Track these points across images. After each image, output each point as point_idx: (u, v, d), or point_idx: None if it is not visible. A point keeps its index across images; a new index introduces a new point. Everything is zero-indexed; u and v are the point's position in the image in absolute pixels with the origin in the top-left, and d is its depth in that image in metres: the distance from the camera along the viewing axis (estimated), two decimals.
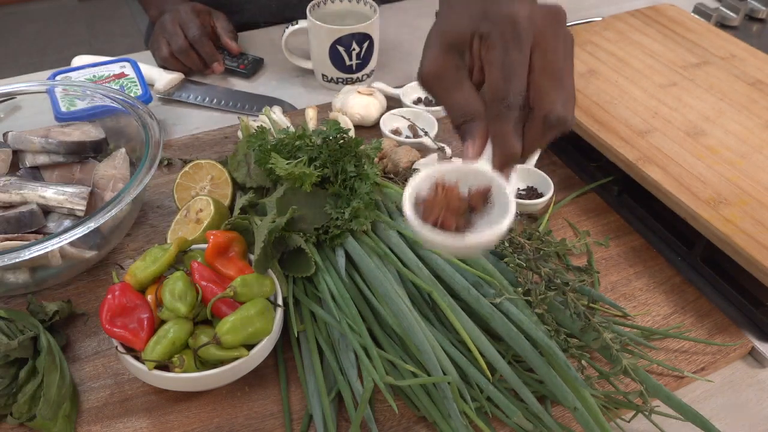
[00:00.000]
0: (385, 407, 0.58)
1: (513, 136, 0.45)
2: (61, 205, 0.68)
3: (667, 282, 0.70)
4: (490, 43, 0.45)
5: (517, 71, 0.44)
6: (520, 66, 0.44)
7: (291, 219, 0.64)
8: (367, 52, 0.95)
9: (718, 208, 0.66)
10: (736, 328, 0.65)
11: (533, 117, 0.45)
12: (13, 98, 0.79)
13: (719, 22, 1.14)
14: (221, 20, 1.03)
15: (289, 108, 0.95)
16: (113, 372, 0.61)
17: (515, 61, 0.44)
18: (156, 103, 0.95)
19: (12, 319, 0.60)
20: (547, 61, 0.44)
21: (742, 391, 0.62)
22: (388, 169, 0.78)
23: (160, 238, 0.74)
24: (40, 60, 2.86)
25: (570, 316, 0.59)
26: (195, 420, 0.58)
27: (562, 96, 0.45)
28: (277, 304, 0.59)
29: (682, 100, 0.81)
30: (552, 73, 0.44)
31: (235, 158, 0.73)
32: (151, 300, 0.57)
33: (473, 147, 0.47)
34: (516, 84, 0.44)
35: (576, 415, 0.53)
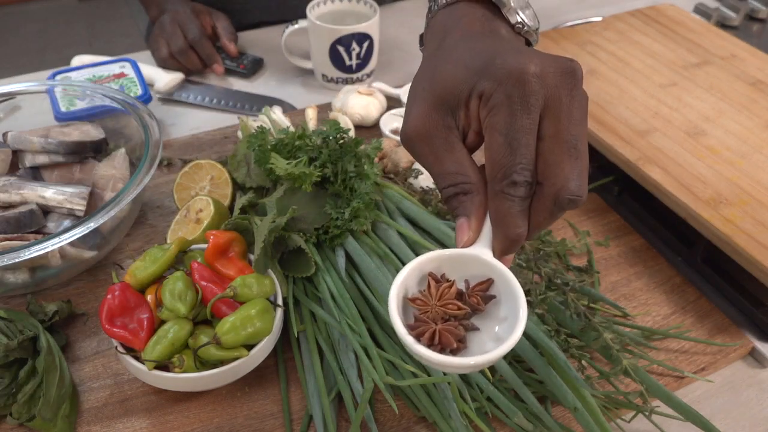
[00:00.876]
0: (385, 407, 0.58)
1: (518, 218, 0.38)
2: (61, 205, 0.68)
3: (668, 282, 0.70)
4: (493, 105, 0.38)
5: (524, 140, 0.37)
6: (528, 134, 0.37)
7: (291, 219, 0.64)
8: (367, 52, 0.95)
9: (718, 208, 0.66)
10: (736, 328, 0.65)
11: (542, 194, 0.38)
12: (13, 98, 0.79)
13: (719, 22, 1.14)
14: (221, 21, 1.03)
15: (289, 108, 0.95)
16: (113, 372, 0.61)
17: (522, 129, 0.37)
18: (156, 103, 0.95)
19: (12, 319, 0.60)
20: (560, 128, 0.37)
21: (742, 391, 0.62)
22: (388, 169, 0.78)
23: (160, 238, 0.74)
24: (40, 60, 2.86)
25: (570, 317, 0.59)
26: (195, 420, 0.58)
27: (576, 170, 0.37)
28: (277, 304, 0.59)
29: (682, 100, 0.81)
30: (565, 143, 0.37)
31: (235, 158, 0.73)
32: (151, 300, 0.57)
33: (469, 227, 0.40)
34: (523, 156, 0.37)
35: (576, 415, 0.52)
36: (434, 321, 0.40)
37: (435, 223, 0.65)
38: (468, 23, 0.46)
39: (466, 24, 0.46)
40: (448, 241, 0.64)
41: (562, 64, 0.38)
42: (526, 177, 0.37)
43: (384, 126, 0.86)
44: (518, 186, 0.37)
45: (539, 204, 0.38)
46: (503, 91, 0.38)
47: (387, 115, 0.88)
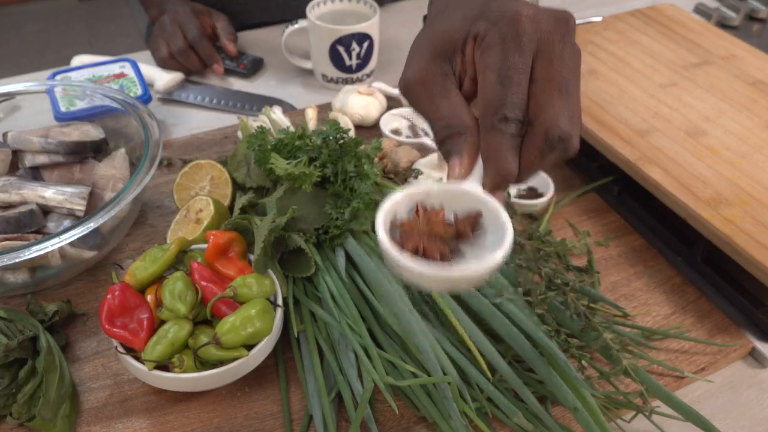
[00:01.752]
0: (385, 407, 0.58)
1: (509, 153, 0.38)
2: (61, 205, 0.68)
3: (667, 282, 0.70)
4: (486, 44, 0.39)
5: (516, 77, 0.38)
6: (521, 72, 0.38)
7: (291, 219, 0.64)
8: (367, 52, 0.95)
9: (718, 208, 0.66)
10: (736, 328, 0.65)
11: (532, 132, 0.38)
12: (13, 98, 0.79)
13: (719, 22, 1.14)
14: (221, 21, 1.03)
15: (289, 108, 0.95)
16: (113, 372, 0.61)
17: (515, 66, 0.38)
18: (156, 103, 0.95)
19: (12, 319, 0.60)
20: (551, 70, 0.38)
21: (742, 391, 0.62)
22: (388, 169, 0.78)
23: (159, 238, 0.74)
24: (40, 60, 2.86)
25: (570, 317, 0.59)
26: (195, 420, 0.58)
27: (567, 110, 0.38)
28: (277, 304, 0.59)
29: (682, 100, 0.81)
30: (557, 84, 0.38)
31: (235, 158, 0.73)
32: (151, 300, 0.57)
33: (461, 165, 0.41)
34: (515, 92, 0.38)
35: (576, 415, 0.52)
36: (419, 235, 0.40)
37: None
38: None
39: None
40: None
41: (556, 12, 0.40)
42: (517, 115, 0.38)
43: (384, 126, 0.86)
44: (509, 122, 0.38)
45: (530, 143, 0.38)
46: (497, 31, 0.39)
47: (387, 115, 0.88)
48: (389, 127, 0.87)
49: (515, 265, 0.62)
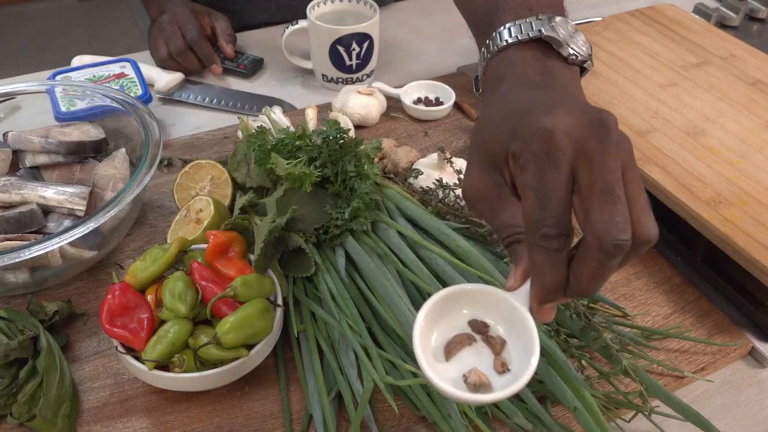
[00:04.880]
0: (385, 407, 0.58)
1: (551, 269, 0.38)
2: (61, 205, 0.68)
3: (667, 282, 0.70)
4: (522, 164, 0.39)
5: (553, 194, 0.38)
6: (557, 188, 0.38)
7: (291, 219, 0.64)
8: (367, 52, 0.95)
9: (718, 208, 0.66)
10: (736, 328, 0.65)
11: (585, 243, 0.38)
12: (13, 98, 0.79)
13: (719, 22, 1.14)
14: (221, 21, 1.03)
15: (289, 108, 0.95)
16: (113, 372, 0.61)
17: (550, 183, 0.38)
18: (156, 103, 0.95)
19: (12, 319, 0.60)
20: (593, 177, 0.37)
21: (742, 391, 0.62)
22: (388, 169, 0.78)
23: (160, 238, 0.74)
24: (40, 60, 2.86)
25: (570, 316, 0.59)
26: (195, 420, 0.58)
27: (616, 215, 0.37)
28: (277, 304, 0.59)
29: (682, 100, 0.81)
30: (600, 190, 0.37)
31: (235, 158, 0.73)
32: (151, 300, 0.57)
33: (514, 275, 0.42)
34: (553, 210, 0.37)
35: (576, 415, 0.53)
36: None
37: (435, 223, 0.65)
38: (521, 69, 0.47)
39: (520, 69, 0.47)
40: (447, 240, 0.63)
41: (589, 116, 0.39)
42: (558, 230, 0.37)
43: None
44: (549, 238, 0.38)
45: (587, 254, 0.38)
46: (530, 150, 0.39)
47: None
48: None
49: None
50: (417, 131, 0.89)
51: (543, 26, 0.48)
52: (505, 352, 0.43)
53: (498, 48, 0.49)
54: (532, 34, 0.48)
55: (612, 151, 0.38)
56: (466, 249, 0.62)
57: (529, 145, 0.39)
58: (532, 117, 0.40)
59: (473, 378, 0.41)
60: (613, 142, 0.38)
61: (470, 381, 0.41)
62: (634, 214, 0.38)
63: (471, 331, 0.43)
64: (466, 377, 0.41)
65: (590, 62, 0.50)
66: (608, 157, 0.38)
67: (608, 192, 0.37)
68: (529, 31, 0.48)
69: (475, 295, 0.44)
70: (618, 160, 0.38)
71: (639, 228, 0.38)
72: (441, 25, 1.15)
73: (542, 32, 0.48)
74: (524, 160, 0.39)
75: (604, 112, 0.39)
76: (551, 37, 0.47)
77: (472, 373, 0.41)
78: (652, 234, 0.38)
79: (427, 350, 0.42)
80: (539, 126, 0.39)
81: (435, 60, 1.05)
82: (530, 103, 0.41)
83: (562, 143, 0.38)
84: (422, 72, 1.02)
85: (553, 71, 0.47)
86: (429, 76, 0.99)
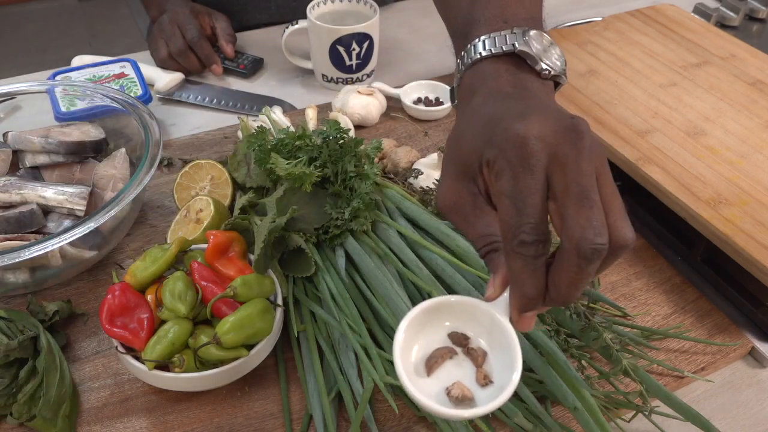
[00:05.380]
0: (385, 407, 0.58)
1: (530, 276, 0.38)
2: (61, 205, 0.68)
3: (667, 282, 0.70)
4: (497, 171, 0.39)
5: (529, 200, 0.37)
6: (533, 193, 0.38)
7: (291, 219, 0.64)
8: (367, 52, 0.95)
9: (718, 208, 0.66)
10: (736, 328, 0.65)
11: (563, 250, 0.37)
12: (13, 98, 0.79)
13: (719, 22, 1.14)
14: (221, 22, 1.03)
15: (289, 108, 0.95)
16: (113, 372, 0.61)
17: (526, 189, 0.38)
18: (156, 103, 0.95)
19: (12, 319, 0.60)
20: (568, 182, 0.37)
21: (742, 391, 0.62)
22: (388, 169, 0.78)
23: (160, 238, 0.74)
24: (40, 60, 2.86)
25: (570, 316, 0.59)
26: (195, 420, 0.58)
27: (593, 219, 0.37)
28: (277, 304, 0.59)
29: (682, 100, 0.81)
30: (576, 195, 0.37)
31: (235, 158, 0.73)
32: (151, 300, 0.57)
33: (493, 283, 0.42)
34: (529, 216, 0.37)
35: (576, 415, 0.53)
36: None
37: (435, 223, 0.65)
38: (494, 83, 0.47)
39: (493, 83, 0.47)
40: (447, 240, 0.63)
41: (562, 122, 0.39)
42: (535, 236, 0.37)
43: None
44: (527, 245, 0.37)
45: (564, 260, 0.37)
46: (504, 157, 0.39)
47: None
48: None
49: None
50: (417, 131, 0.89)
51: (517, 40, 0.48)
52: (486, 363, 0.43)
53: (472, 60, 0.49)
54: (505, 48, 0.48)
55: (586, 156, 0.38)
56: (466, 249, 0.62)
57: (504, 152, 0.39)
58: (505, 124, 0.40)
59: (456, 392, 0.41)
60: (587, 146, 0.38)
61: (453, 395, 0.41)
62: (610, 218, 0.38)
63: (451, 344, 0.43)
64: (449, 391, 0.41)
65: (564, 77, 0.49)
66: (582, 162, 0.38)
67: (584, 197, 0.37)
68: (502, 45, 0.48)
69: (454, 307, 0.43)
70: (592, 165, 0.38)
71: (615, 232, 0.37)
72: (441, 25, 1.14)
73: (516, 46, 0.47)
74: (499, 167, 0.39)
75: (577, 117, 0.40)
76: (524, 51, 0.47)
77: (455, 387, 0.41)
78: (628, 238, 0.38)
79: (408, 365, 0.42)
80: (513, 133, 0.39)
81: (435, 60, 1.05)
82: (503, 112, 0.41)
83: (536, 149, 0.38)
84: (422, 72, 1.02)
85: (526, 84, 0.47)
86: (429, 76, 0.99)
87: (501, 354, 0.42)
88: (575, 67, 0.86)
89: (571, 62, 0.87)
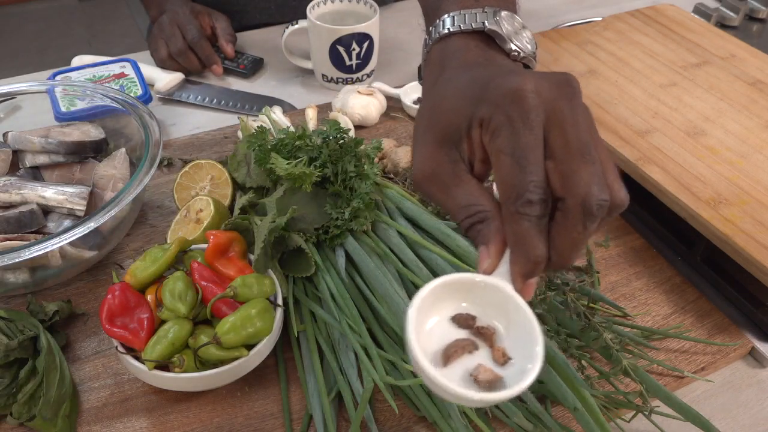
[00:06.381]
0: (385, 407, 0.58)
1: (537, 237, 0.36)
2: (61, 205, 0.68)
3: (667, 282, 0.70)
4: (494, 128, 0.37)
5: (531, 157, 0.36)
6: (535, 150, 0.36)
7: (291, 219, 0.64)
8: (367, 52, 0.95)
9: (718, 208, 0.66)
10: (736, 328, 0.65)
11: (566, 208, 0.36)
12: (13, 98, 0.79)
13: (719, 22, 1.14)
14: (221, 22, 1.03)
15: (289, 108, 0.95)
16: (113, 372, 0.61)
17: (528, 145, 0.36)
18: (156, 103, 0.95)
19: (12, 319, 0.60)
20: (568, 138, 0.36)
21: (742, 391, 0.62)
22: (388, 169, 0.78)
23: (160, 238, 0.74)
24: (40, 60, 2.86)
25: (570, 317, 0.59)
26: (195, 420, 0.58)
27: (596, 175, 0.36)
28: (277, 304, 0.59)
29: (682, 100, 0.81)
30: (577, 150, 0.36)
31: (235, 158, 0.73)
32: (151, 300, 0.57)
33: (488, 255, 0.38)
34: (533, 173, 0.36)
35: (576, 415, 0.52)
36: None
37: (435, 223, 0.65)
38: (463, 55, 0.46)
39: (462, 56, 0.46)
40: (447, 240, 0.63)
41: (557, 77, 0.38)
42: (540, 194, 0.36)
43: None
44: (533, 204, 0.36)
45: (568, 219, 0.36)
46: (502, 112, 0.37)
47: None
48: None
49: None
50: None
51: (487, 19, 0.47)
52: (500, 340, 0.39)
53: (440, 35, 0.48)
54: (474, 25, 0.47)
55: (582, 111, 0.37)
56: (466, 249, 0.62)
57: (500, 107, 0.37)
58: (499, 81, 0.38)
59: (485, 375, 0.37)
60: (581, 102, 0.37)
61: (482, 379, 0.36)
62: (608, 178, 0.37)
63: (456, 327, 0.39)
64: (476, 376, 0.37)
65: (534, 61, 0.48)
66: (580, 117, 0.37)
67: (586, 152, 0.36)
68: (472, 22, 0.47)
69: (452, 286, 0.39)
70: (588, 121, 0.37)
71: (614, 192, 0.37)
72: None
73: (485, 25, 0.46)
74: (496, 123, 0.37)
75: (568, 73, 0.38)
76: (494, 30, 0.46)
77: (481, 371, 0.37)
78: (623, 199, 0.37)
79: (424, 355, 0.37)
80: (509, 87, 0.37)
81: None
82: (491, 73, 0.40)
83: (535, 103, 0.36)
84: None
85: (497, 60, 0.46)
86: None
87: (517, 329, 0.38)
88: (575, 67, 0.86)
89: (571, 62, 0.87)
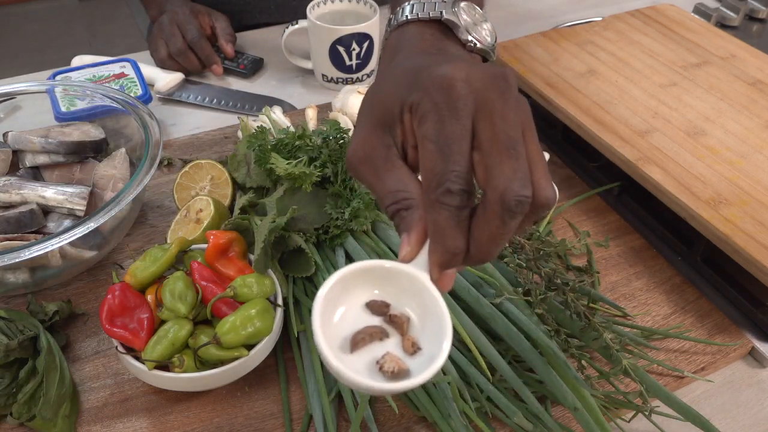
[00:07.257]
0: (385, 407, 0.58)
1: (455, 229, 0.36)
2: (61, 205, 0.68)
3: (667, 282, 0.70)
4: (422, 114, 0.37)
5: (455, 146, 0.36)
6: (460, 140, 0.36)
7: (291, 219, 0.64)
8: (367, 52, 0.95)
9: (718, 208, 0.66)
10: (736, 328, 0.65)
11: (487, 201, 0.36)
12: (13, 98, 0.79)
13: (719, 22, 1.14)
14: (221, 21, 1.03)
15: (289, 108, 0.95)
16: (113, 372, 0.61)
17: (453, 134, 0.36)
18: (156, 103, 0.95)
19: (12, 319, 0.60)
20: (495, 131, 0.36)
21: (742, 391, 0.62)
22: None
23: (160, 238, 0.74)
24: (40, 60, 2.86)
25: (570, 316, 0.59)
26: (195, 420, 0.58)
27: (519, 171, 0.35)
28: (277, 304, 0.59)
29: (682, 100, 0.81)
30: (502, 145, 0.35)
31: (235, 158, 0.73)
32: (151, 300, 0.57)
33: (408, 243, 0.38)
34: (456, 162, 0.35)
35: (576, 415, 0.53)
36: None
37: None
38: (418, 43, 0.46)
39: (416, 44, 0.46)
40: None
41: (492, 70, 0.38)
42: (461, 185, 0.35)
43: None
44: (453, 195, 0.35)
45: (488, 212, 0.36)
46: (430, 99, 0.37)
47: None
48: None
49: (515, 264, 0.62)
50: None
51: (445, 9, 0.47)
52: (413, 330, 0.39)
53: (398, 23, 0.49)
54: (432, 14, 0.47)
55: (513, 106, 0.36)
56: None
57: (429, 94, 0.37)
58: (432, 69, 0.38)
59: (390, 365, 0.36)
60: (514, 96, 0.37)
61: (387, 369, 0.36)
62: (535, 175, 0.36)
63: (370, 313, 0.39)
64: (381, 364, 0.36)
65: (492, 54, 0.48)
66: (509, 112, 0.36)
67: (510, 147, 0.36)
68: (430, 11, 0.47)
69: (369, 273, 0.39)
70: (519, 116, 0.37)
71: (539, 190, 0.36)
72: None
73: (442, 14, 0.47)
74: (423, 109, 0.37)
75: (506, 67, 0.38)
76: (450, 20, 0.46)
77: (387, 360, 0.36)
78: (550, 197, 0.37)
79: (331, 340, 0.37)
80: (439, 74, 0.37)
81: None
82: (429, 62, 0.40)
83: (463, 92, 0.36)
84: None
85: (449, 50, 0.46)
86: None
87: (430, 320, 0.38)
88: (575, 67, 0.86)
89: (571, 62, 0.87)
